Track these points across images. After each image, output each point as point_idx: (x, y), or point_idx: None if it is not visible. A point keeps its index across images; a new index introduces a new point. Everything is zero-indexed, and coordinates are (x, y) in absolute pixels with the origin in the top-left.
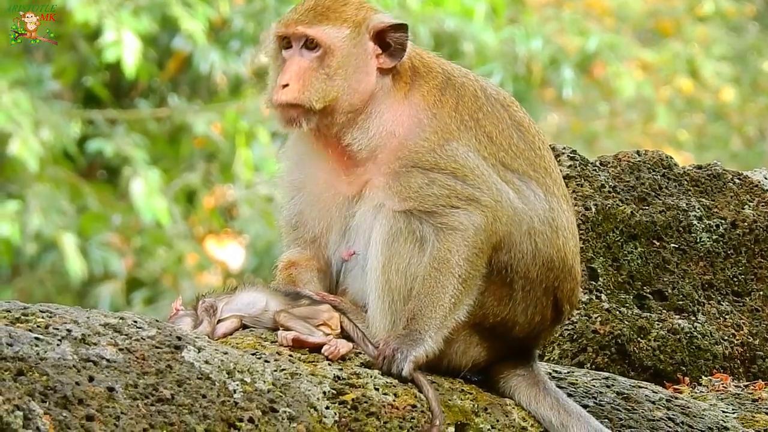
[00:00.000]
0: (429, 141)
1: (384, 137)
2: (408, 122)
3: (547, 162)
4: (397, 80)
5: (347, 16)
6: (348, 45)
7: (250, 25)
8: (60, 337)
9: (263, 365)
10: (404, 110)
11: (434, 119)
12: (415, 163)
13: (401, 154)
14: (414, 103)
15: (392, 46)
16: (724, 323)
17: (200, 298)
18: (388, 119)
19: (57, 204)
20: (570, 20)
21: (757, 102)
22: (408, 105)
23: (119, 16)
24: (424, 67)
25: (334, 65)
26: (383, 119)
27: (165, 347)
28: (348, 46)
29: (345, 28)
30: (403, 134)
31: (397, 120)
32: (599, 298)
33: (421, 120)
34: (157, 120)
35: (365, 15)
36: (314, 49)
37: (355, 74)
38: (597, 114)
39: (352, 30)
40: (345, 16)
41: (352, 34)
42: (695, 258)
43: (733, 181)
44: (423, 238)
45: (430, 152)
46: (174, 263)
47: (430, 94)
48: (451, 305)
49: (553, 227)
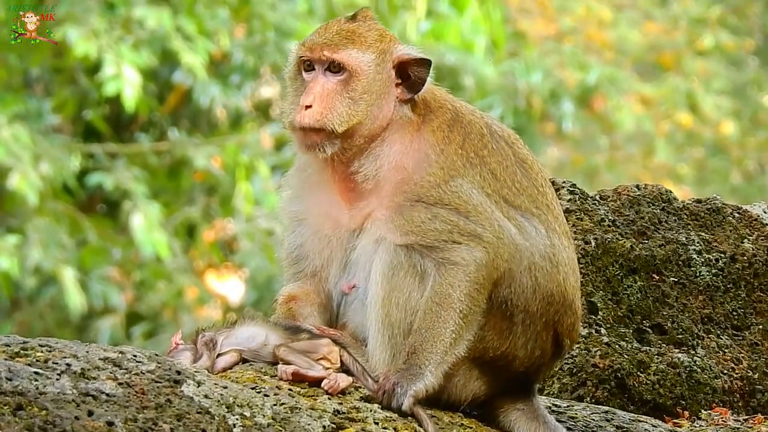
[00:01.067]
0: (435, 176)
1: (391, 170)
2: (416, 156)
3: (549, 199)
4: (411, 113)
5: (372, 41)
6: (373, 70)
7: (250, 59)
8: (59, 372)
9: (263, 399)
10: (414, 144)
11: (441, 155)
12: (419, 197)
13: (406, 187)
14: (424, 137)
15: (412, 79)
16: (724, 357)
17: (200, 332)
18: (397, 151)
19: (57, 238)
20: (570, 54)
21: (756, 136)
22: (418, 139)
23: (119, 50)
24: (436, 103)
25: (359, 89)
26: (393, 150)
27: (164, 381)
28: (373, 72)
29: (371, 53)
30: (411, 168)
31: (406, 153)
32: (599, 332)
33: (429, 155)
34: (157, 154)
35: (389, 43)
36: (338, 73)
37: (377, 100)
38: (597, 148)
39: (378, 56)
40: (370, 42)
41: (377, 60)
42: (695, 292)
43: (732, 215)
44: (424, 272)
45: (435, 187)
46: (174, 297)
47: (440, 130)
48: (452, 340)
49: (554, 263)
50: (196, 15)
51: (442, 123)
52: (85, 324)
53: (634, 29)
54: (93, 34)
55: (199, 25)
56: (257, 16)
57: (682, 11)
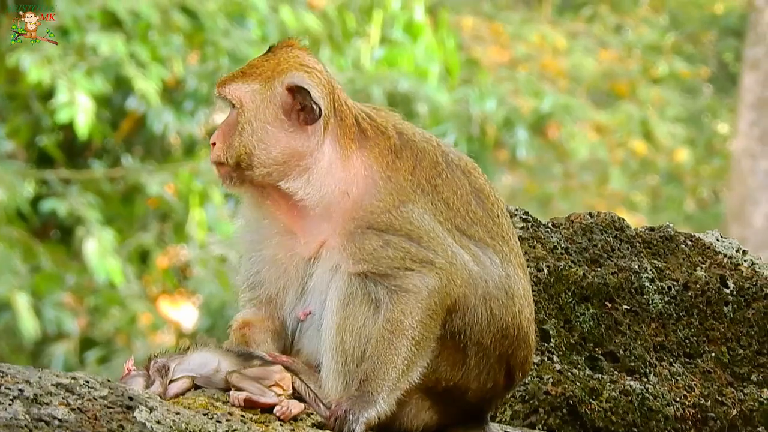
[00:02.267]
0: (384, 202)
1: (337, 196)
2: (362, 183)
3: (504, 230)
4: (341, 138)
5: (261, 72)
6: (256, 99)
7: (204, 86)
8: (12, 397)
9: (215, 425)
10: (358, 171)
11: (389, 181)
12: (369, 224)
13: (356, 214)
14: (368, 164)
15: (305, 105)
16: (676, 385)
17: (152, 358)
18: (340, 178)
19: (10, 263)
20: (524, 81)
21: (711, 164)
22: (362, 166)
23: (72, 76)
24: (373, 129)
25: (243, 120)
26: (335, 178)
27: (117, 407)
28: (256, 101)
29: (255, 83)
30: (358, 195)
31: (351, 180)
32: (551, 359)
33: (376, 182)
34: (111, 180)
35: (282, 70)
36: (233, 107)
37: (266, 127)
38: (551, 175)
39: (262, 85)
40: (259, 73)
41: (262, 89)
42: (647, 320)
43: (685, 243)
44: (378, 300)
45: (385, 213)
46: (127, 323)
47: (383, 156)
48: (404, 367)
49: (509, 294)
50: (149, 42)
51: (385, 149)
52: (39, 349)
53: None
54: (47, 60)
55: (152, 51)
56: (210, 43)
57: (636, 39)
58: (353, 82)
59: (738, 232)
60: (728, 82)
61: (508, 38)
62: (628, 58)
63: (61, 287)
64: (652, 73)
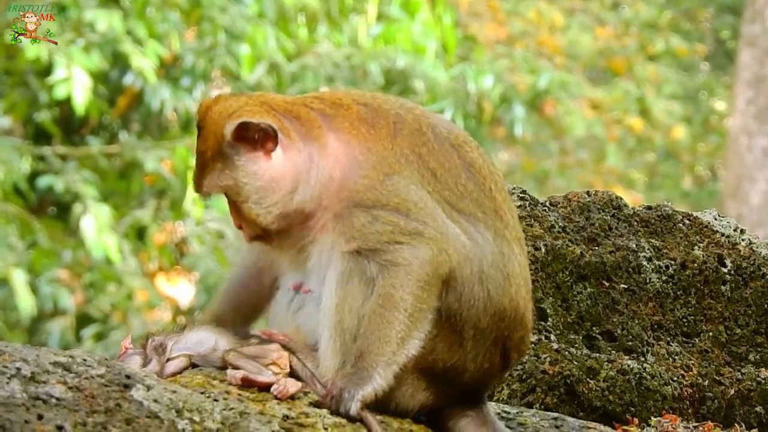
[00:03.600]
0: (368, 178)
1: (326, 182)
2: (344, 161)
3: (498, 204)
4: (308, 132)
5: (211, 152)
6: (226, 174)
7: (201, 62)
8: (9, 376)
9: (212, 404)
10: (338, 150)
11: (369, 154)
12: (356, 202)
13: (343, 194)
14: (344, 140)
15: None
16: (674, 364)
17: (149, 336)
18: (324, 165)
19: (7, 240)
20: (521, 58)
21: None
22: (338, 144)
23: (70, 52)
24: (330, 107)
25: (234, 197)
26: (320, 167)
27: (114, 386)
28: (228, 177)
29: (216, 164)
30: (343, 174)
31: (333, 162)
32: (548, 338)
33: (356, 157)
34: (108, 156)
35: (220, 134)
36: (224, 195)
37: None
38: (548, 152)
39: (220, 161)
40: (210, 153)
41: (223, 164)
42: (645, 299)
43: (683, 222)
44: (372, 277)
45: (370, 189)
46: (124, 299)
47: (356, 128)
48: (399, 341)
49: (505, 274)
50: (146, 18)
51: (354, 120)
52: (35, 326)
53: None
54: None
55: (149, 28)
56: (208, 19)
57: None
58: (350, 59)
59: (735, 209)
60: (725, 59)
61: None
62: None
63: (58, 264)
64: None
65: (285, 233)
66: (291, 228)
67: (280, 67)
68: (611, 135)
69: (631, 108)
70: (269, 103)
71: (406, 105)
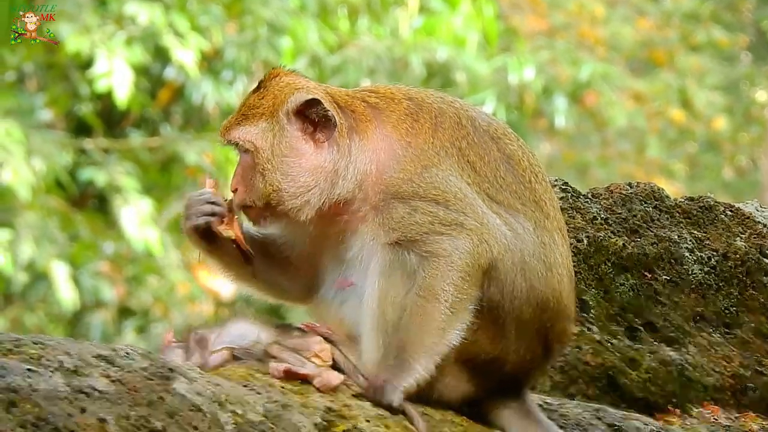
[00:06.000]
0: (405, 171)
1: (366, 174)
2: (384, 155)
3: (539, 195)
4: (358, 126)
5: (264, 109)
6: (268, 137)
7: (243, 55)
8: (52, 369)
9: (255, 396)
10: (378, 144)
11: (409, 148)
12: (395, 194)
13: (381, 187)
14: (386, 134)
15: (317, 119)
16: (715, 355)
17: (191, 330)
18: (364, 159)
19: (48, 233)
20: (563, 50)
21: (749, 132)
22: (381, 138)
23: (111, 46)
24: (383, 100)
25: (263, 161)
26: (361, 160)
27: (157, 378)
28: (269, 138)
29: (262, 122)
30: (381, 167)
31: (374, 155)
32: (590, 329)
33: (396, 151)
34: (149, 149)
35: (282, 100)
36: (246, 151)
37: (290, 161)
38: (589, 144)
39: (269, 121)
40: (262, 110)
41: (270, 125)
42: (686, 290)
43: (725, 213)
44: (413, 269)
45: (407, 182)
46: (165, 292)
47: (400, 123)
48: (440, 332)
49: (547, 264)
50: (188, 11)
51: (401, 115)
52: (77, 319)
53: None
54: (85, 29)
55: (191, 21)
56: (249, 12)
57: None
58: (391, 51)
59: None
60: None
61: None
62: (666, 27)
63: (99, 256)
64: (690, 42)
65: (317, 226)
66: (323, 220)
67: (321, 59)
68: (652, 126)
69: (672, 99)
70: (333, 95)
71: (447, 98)
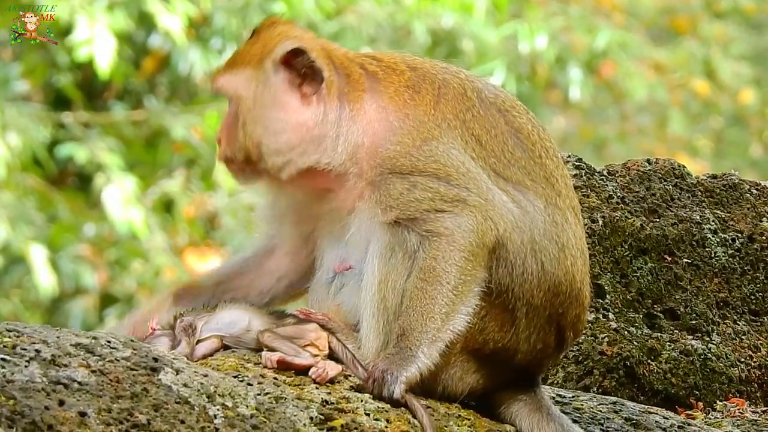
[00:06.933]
0: (403, 144)
1: (358, 148)
2: (378, 127)
3: (549, 171)
4: (351, 92)
5: (251, 56)
6: (252, 86)
7: (233, 22)
8: (28, 358)
9: (246, 389)
10: (372, 116)
11: (407, 120)
12: (392, 169)
13: (377, 161)
14: (382, 106)
15: (304, 71)
16: (741, 344)
17: (178, 316)
18: (356, 130)
19: (25, 214)
20: (577, 16)
21: None
22: (376, 110)
23: (92, 11)
24: (383, 69)
25: (244, 110)
26: (352, 131)
27: (141, 369)
28: (252, 87)
29: (246, 69)
30: (375, 141)
31: (366, 128)
32: (606, 317)
33: (391, 123)
34: (133, 123)
35: (271, 48)
36: (231, 100)
37: (268, 113)
38: (606, 118)
39: (254, 69)
40: (249, 57)
41: (255, 73)
42: (709, 274)
43: (750, 192)
44: (413, 249)
45: (405, 156)
46: (151, 277)
47: (399, 94)
48: (443, 316)
49: (559, 245)
50: None
51: (400, 87)
52: (56, 306)
53: None
54: None
55: None
56: None
57: None
58: (393, 18)
59: None
60: None
61: None
62: None
63: (80, 239)
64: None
65: (305, 193)
66: (312, 188)
67: (317, 26)
68: (675, 99)
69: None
70: (330, 52)
71: (452, 69)
